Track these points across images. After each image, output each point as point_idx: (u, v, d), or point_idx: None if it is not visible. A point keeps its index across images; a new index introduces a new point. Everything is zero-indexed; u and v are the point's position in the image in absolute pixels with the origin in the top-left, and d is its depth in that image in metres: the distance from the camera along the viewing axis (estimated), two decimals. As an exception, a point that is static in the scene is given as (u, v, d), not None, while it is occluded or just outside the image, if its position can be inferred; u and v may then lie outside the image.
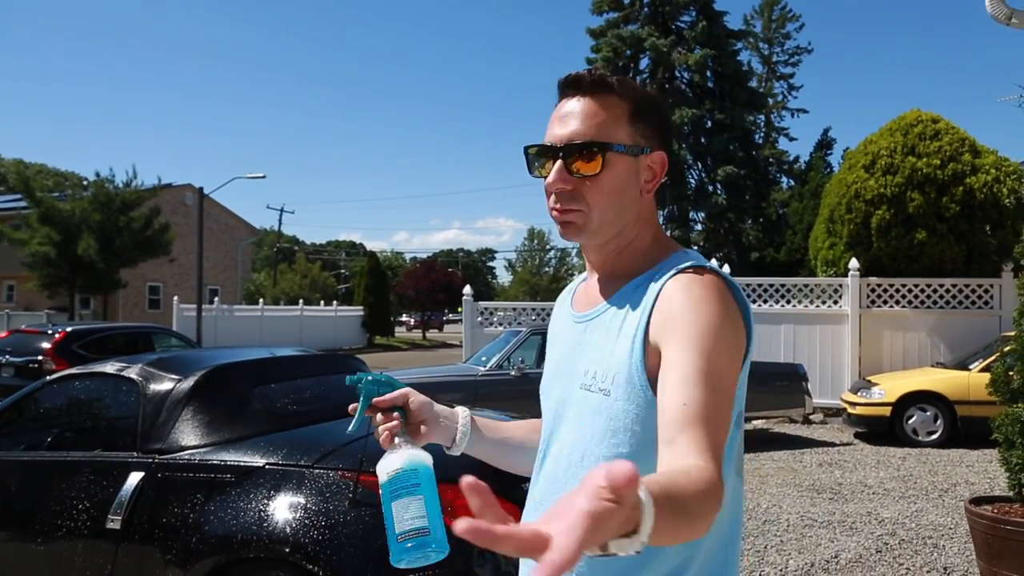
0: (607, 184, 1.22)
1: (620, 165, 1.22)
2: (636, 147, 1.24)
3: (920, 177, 12.07)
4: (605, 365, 1.20)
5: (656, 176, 1.27)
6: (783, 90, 40.97)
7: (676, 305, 1.14)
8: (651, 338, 1.15)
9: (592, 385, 1.21)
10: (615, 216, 1.24)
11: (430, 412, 1.38)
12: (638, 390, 1.15)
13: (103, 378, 3.77)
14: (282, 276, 55.55)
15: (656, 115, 1.27)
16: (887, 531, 5.74)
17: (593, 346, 1.24)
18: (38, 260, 26.12)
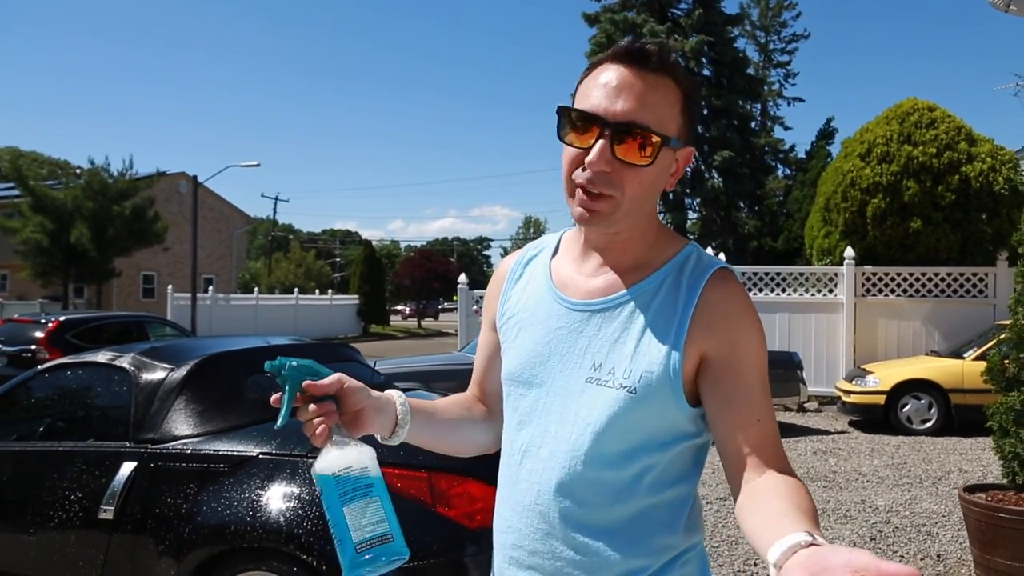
0: (649, 177, 1.16)
1: (665, 159, 1.17)
2: (680, 140, 1.18)
3: (916, 166, 12.07)
4: (629, 362, 1.15)
5: (680, 169, 1.22)
6: (779, 78, 40.89)
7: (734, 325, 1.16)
8: (693, 342, 1.15)
9: (608, 381, 1.16)
10: (641, 207, 1.18)
11: (367, 399, 1.20)
12: (669, 393, 1.14)
13: (95, 367, 3.75)
14: (277, 265, 55.43)
15: (699, 108, 1.22)
16: (881, 519, 5.75)
17: (605, 338, 1.19)
18: (31, 249, 26.00)
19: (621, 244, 1.23)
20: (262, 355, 4.00)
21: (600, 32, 29.31)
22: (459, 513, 2.81)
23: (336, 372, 1.19)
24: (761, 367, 1.17)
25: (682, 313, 1.15)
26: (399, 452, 2.96)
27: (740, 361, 1.14)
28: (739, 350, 1.15)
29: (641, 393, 1.14)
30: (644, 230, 1.23)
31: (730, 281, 1.18)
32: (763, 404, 1.14)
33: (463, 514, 2.81)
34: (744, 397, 1.13)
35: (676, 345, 1.14)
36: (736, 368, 1.14)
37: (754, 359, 1.16)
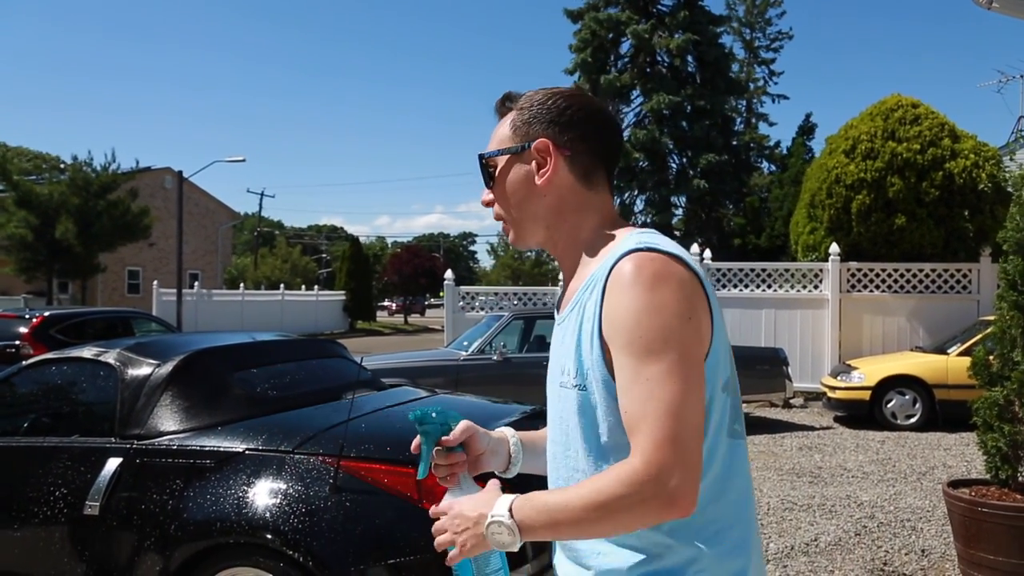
0: (500, 185, 1.33)
1: (506, 166, 1.32)
2: (513, 146, 1.31)
3: (900, 162, 12.14)
4: (576, 362, 1.22)
5: (548, 163, 1.28)
6: (764, 75, 41.04)
7: (611, 308, 1.16)
8: (603, 336, 1.18)
9: (567, 382, 1.24)
10: (527, 212, 1.31)
11: (487, 444, 1.41)
12: (608, 383, 1.18)
13: (80, 363, 3.72)
14: (263, 260, 55.16)
15: (540, 109, 1.31)
16: (866, 514, 5.79)
17: (564, 345, 1.27)
18: (15, 244, 25.76)
19: (562, 253, 1.34)
20: (248, 351, 3.99)
21: (584, 29, 29.28)
22: (447, 509, 2.81)
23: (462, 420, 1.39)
24: (635, 347, 1.12)
25: (596, 305, 1.19)
26: (386, 448, 2.96)
27: (613, 335, 1.16)
28: (611, 325, 1.16)
29: (589, 388, 1.20)
30: (572, 231, 1.31)
31: (630, 261, 1.16)
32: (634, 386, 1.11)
33: (451, 510, 2.81)
34: (620, 379, 1.14)
35: (596, 336, 1.18)
36: (615, 348, 1.15)
37: (621, 331, 1.14)
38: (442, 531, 1.23)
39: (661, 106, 27.80)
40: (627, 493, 1.07)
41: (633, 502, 1.07)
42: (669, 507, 1.07)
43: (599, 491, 1.09)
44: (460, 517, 1.20)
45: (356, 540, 2.73)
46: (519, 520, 1.14)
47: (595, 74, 28.97)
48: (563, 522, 1.12)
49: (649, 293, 1.13)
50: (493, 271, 73.81)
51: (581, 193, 1.31)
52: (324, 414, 3.38)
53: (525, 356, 9.46)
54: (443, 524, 1.22)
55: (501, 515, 1.15)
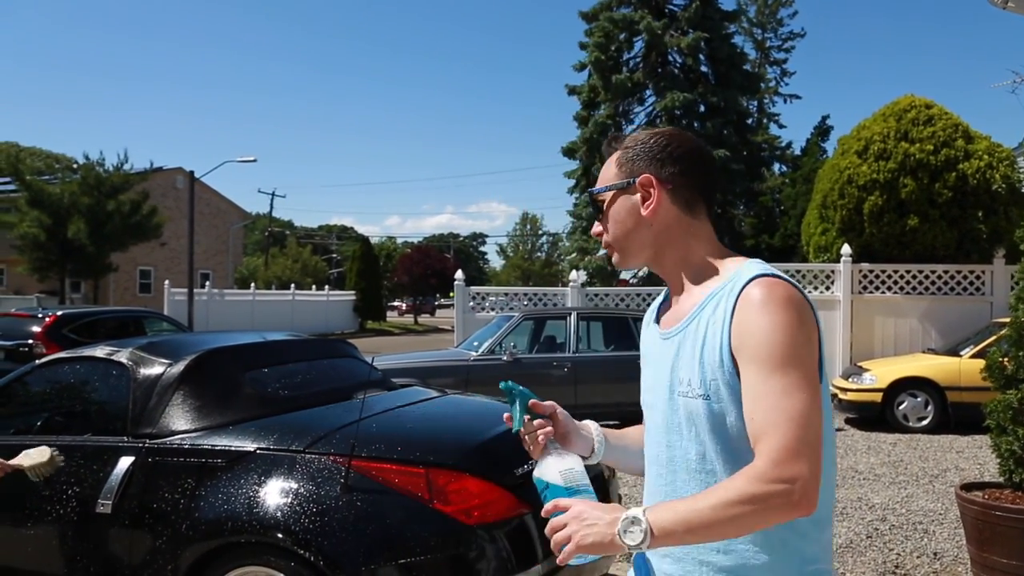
0: (609, 215, 1.49)
1: (614, 200, 1.48)
2: (620, 182, 1.47)
3: (913, 163, 12.07)
4: (699, 374, 1.35)
5: (652, 196, 1.43)
6: (776, 75, 40.91)
7: (742, 326, 1.30)
8: (733, 350, 1.31)
9: (689, 392, 1.36)
10: (630, 240, 1.47)
11: (572, 424, 1.55)
12: (734, 394, 1.31)
13: (93, 362, 3.74)
14: (273, 260, 55.34)
15: (637, 150, 1.46)
16: (877, 516, 5.76)
17: (685, 357, 1.39)
18: (28, 243, 25.94)
19: (672, 274, 1.48)
20: (259, 351, 4.00)
21: (597, 29, 29.24)
22: (456, 509, 2.81)
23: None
24: (764, 358, 1.25)
25: (725, 322, 1.33)
26: (397, 448, 2.97)
27: (746, 353, 1.29)
28: (745, 344, 1.29)
29: (713, 399, 1.33)
30: (682, 258, 1.46)
31: (762, 285, 1.31)
32: (763, 399, 1.24)
33: (460, 510, 2.81)
34: (747, 389, 1.27)
35: (725, 351, 1.32)
36: (743, 361, 1.29)
37: (755, 350, 1.27)
38: (561, 527, 1.28)
39: (675, 104, 27.74)
40: (758, 493, 1.18)
41: (764, 505, 1.18)
42: (795, 509, 1.19)
43: (731, 495, 1.19)
44: (589, 515, 1.27)
45: (367, 540, 2.73)
46: (653, 522, 1.22)
47: (608, 73, 28.93)
48: (696, 526, 1.21)
49: (779, 314, 1.27)
50: (503, 271, 73.89)
51: (685, 221, 1.45)
52: (335, 414, 3.38)
53: (535, 356, 9.46)
54: (564, 519, 1.29)
55: (639, 516, 1.23)
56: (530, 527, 2.90)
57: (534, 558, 2.86)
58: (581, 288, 13.52)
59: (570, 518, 1.29)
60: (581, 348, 9.44)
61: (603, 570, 3.50)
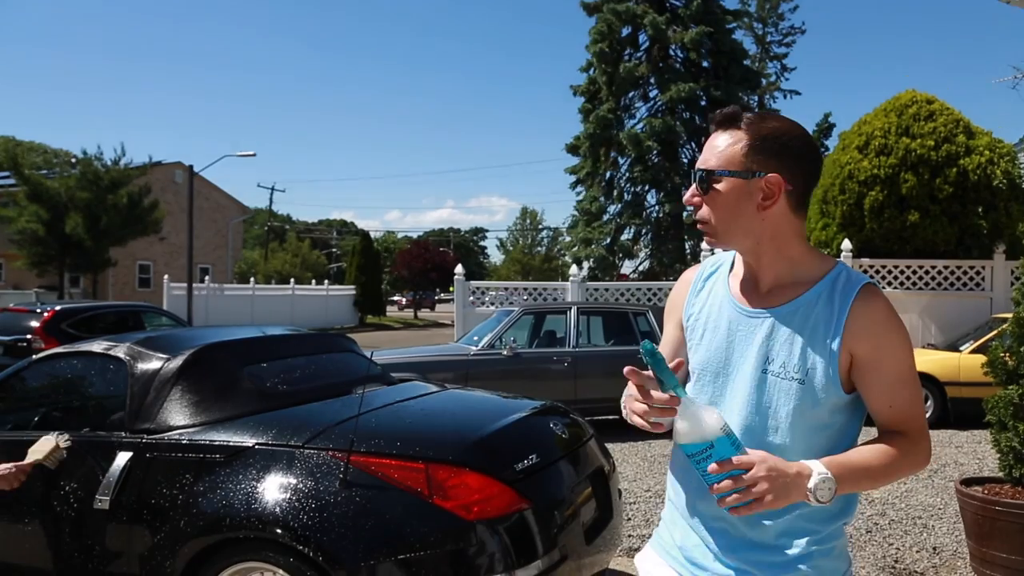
0: (720, 198, 1.49)
1: (730, 185, 1.48)
2: (746, 172, 1.47)
3: (914, 158, 12.06)
4: (798, 360, 1.47)
5: (773, 195, 1.47)
6: (776, 71, 40.80)
7: (877, 330, 1.46)
8: (850, 346, 1.46)
9: (783, 374, 1.48)
10: (735, 227, 1.50)
11: None
12: (831, 385, 1.46)
13: (91, 357, 3.72)
14: (273, 255, 55.33)
15: (776, 145, 1.48)
16: (877, 511, 5.76)
17: (779, 341, 1.50)
18: (26, 238, 25.90)
19: (767, 264, 1.53)
20: (258, 345, 3.99)
21: (601, 22, 29.18)
22: (456, 504, 2.79)
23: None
24: (900, 364, 1.47)
25: (837, 320, 1.46)
26: (396, 443, 2.96)
27: (882, 361, 1.46)
28: (882, 353, 1.46)
29: (808, 384, 1.46)
30: (778, 252, 1.52)
31: (875, 294, 1.48)
32: (901, 392, 1.48)
33: (460, 505, 2.80)
34: (883, 388, 1.47)
35: (834, 346, 1.45)
36: (878, 367, 1.47)
37: (892, 359, 1.47)
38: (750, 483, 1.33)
39: (677, 97, 27.70)
40: (911, 460, 1.49)
41: (912, 465, 1.51)
42: (927, 462, 1.53)
43: (893, 456, 1.46)
44: (776, 470, 1.34)
45: (366, 535, 2.72)
46: (836, 475, 1.38)
47: (611, 66, 28.88)
48: (865, 481, 1.44)
49: (901, 324, 1.50)
50: (503, 266, 73.81)
51: (793, 220, 1.52)
52: (334, 409, 3.37)
53: (535, 351, 9.45)
54: (754, 476, 1.33)
55: (826, 473, 1.37)
56: (530, 522, 2.89)
57: (534, 553, 2.85)
58: (581, 283, 13.51)
59: (758, 476, 1.33)
60: (581, 343, 9.43)
61: (604, 565, 3.49)
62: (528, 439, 3.33)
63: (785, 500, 1.34)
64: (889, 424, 1.50)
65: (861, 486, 1.45)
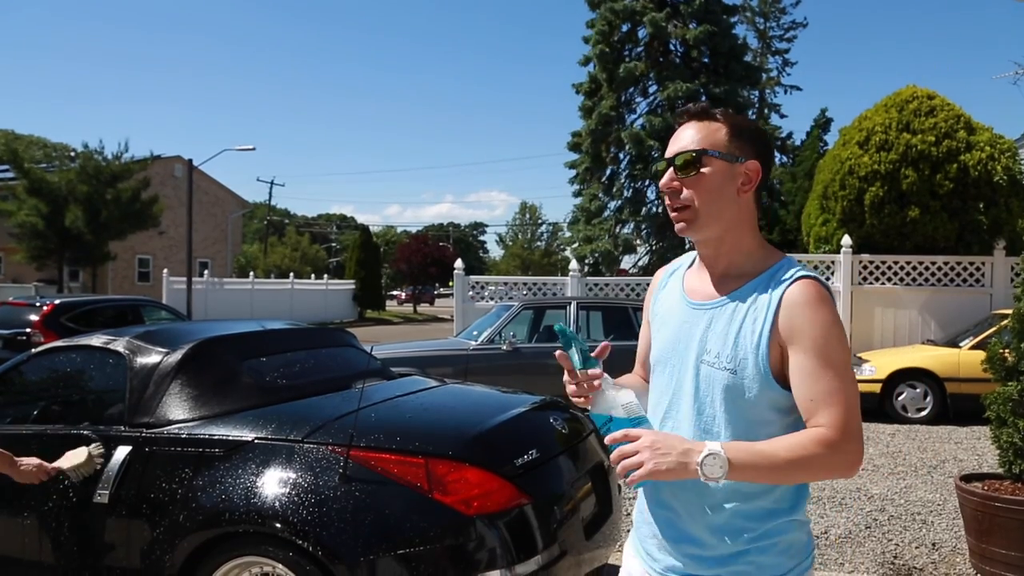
0: (705, 181, 1.53)
1: (716, 167, 1.54)
2: (731, 155, 1.54)
3: (914, 154, 12.04)
4: (731, 350, 1.51)
5: (751, 181, 1.56)
6: (777, 65, 40.73)
7: (795, 319, 1.47)
8: (778, 336, 1.48)
9: (716, 363, 1.52)
10: (716, 210, 1.54)
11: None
12: (761, 375, 1.49)
13: (90, 351, 3.71)
14: (273, 249, 55.28)
15: (751, 136, 1.57)
16: (876, 507, 5.76)
17: (716, 331, 1.54)
18: (26, 232, 25.85)
19: (725, 254, 1.59)
20: (258, 340, 3.98)
21: (600, 19, 29.11)
22: (456, 499, 2.79)
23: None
24: (820, 355, 1.45)
25: (767, 311, 1.50)
26: (396, 438, 2.95)
27: (799, 350, 1.46)
28: (800, 342, 1.46)
29: (739, 374, 1.50)
30: (738, 240, 1.58)
31: (807, 287, 1.49)
32: (820, 382, 1.44)
33: (460, 500, 2.79)
34: (801, 374, 1.46)
35: (763, 337, 1.49)
36: (794, 356, 1.47)
37: (812, 349, 1.45)
38: (633, 453, 1.41)
39: (677, 94, 27.65)
40: (824, 455, 1.42)
41: (828, 462, 1.43)
42: (850, 468, 1.45)
43: (801, 448, 1.42)
44: (665, 444, 1.42)
45: (365, 530, 2.72)
46: (731, 458, 1.40)
47: (611, 64, 28.82)
48: (764, 467, 1.42)
49: (830, 311, 1.48)
50: (502, 261, 73.80)
51: (754, 211, 1.60)
52: (334, 403, 3.36)
53: (534, 346, 9.45)
54: (637, 447, 1.41)
55: (718, 451, 1.40)
56: (530, 517, 2.89)
57: (534, 548, 2.84)
58: (581, 277, 13.49)
59: (643, 446, 1.41)
60: (581, 337, 9.42)
61: (603, 560, 3.49)
62: (528, 434, 3.33)
63: (669, 473, 1.40)
64: (810, 419, 1.46)
65: (763, 476, 1.44)
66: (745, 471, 1.41)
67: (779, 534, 1.53)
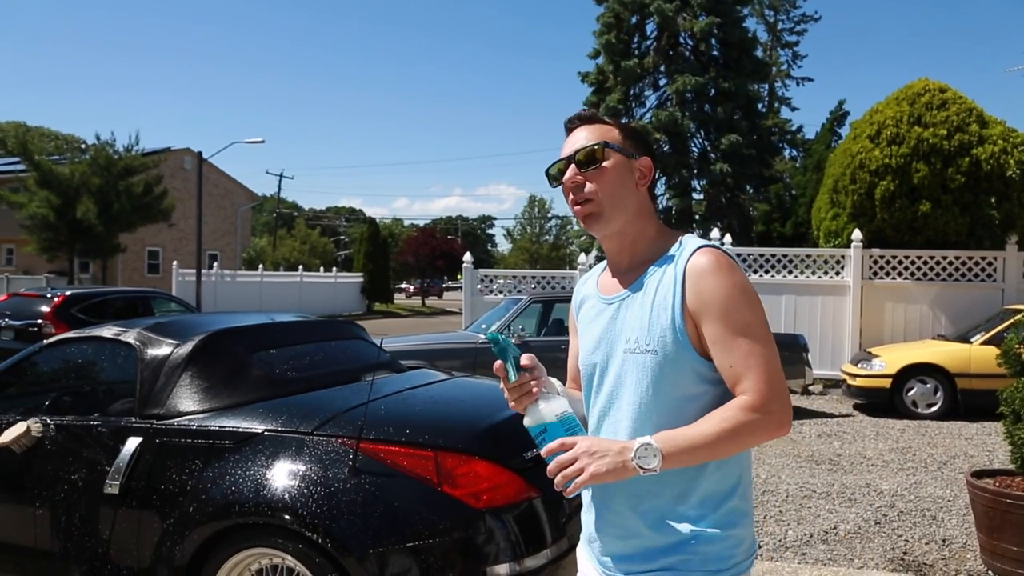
0: (608, 173, 1.60)
1: (617, 160, 1.61)
2: (627, 150, 1.62)
3: (926, 148, 11.95)
4: (647, 332, 1.53)
5: (646, 175, 1.64)
6: (788, 58, 40.54)
7: (700, 290, 1.50)
8: (688, 309, 1.51)
9: (637, 348, 1.55)
10: (619, 201, 1.60)
11: (543, 375, 1.62)
12: (681, 349, 1.51)
13: (100, 342, 3.72)
14: (281, 242, 55.40)
15: (639, 136, 1.67)
16: (886, 503, 5.74)
17: (631, 319, 1.58)
18: (37, 223, 25.98)
19: (628, 245, 1.64)
20: (267, 332, 3.98)
21: (608, 11, 29.00)
22: (465, 492, 2.79)
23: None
24: (730, 316, 1.48)
25: (675, 285, 1.53)
26: (405, 431, 2.95)
27: (709, 311, 1.49)
28: (708, 307, 1.49)
29: (660, 353, 1.52)
30: (641, 230, 1.63)
31: (708, 254, 1.53)
32: (737, 348, 1.47)
33: (469, 493, 2.79)
34: (717, 341, 1.49)
35: (676, 311, 1.51)
36: (706, 317, 1.50)
37: (722, 312, 1.48)
38: (570, 462, 1.42)
39: (686, 88, 27.53)
40: (751, 420, 1.44)
41: (756, 426, 1.45)
42: (780, 428, 1.47)
43: (728, 420, 1.44)
44: (598, 447, 1.43)
45: (375, 522, 2.72)
46: (663, 446, 1.42)
47: (619, 57, 28.71)
48: (700, 446, 1.43)
49: (733, 276, 1.50)
50: (511, 254, 73.79)
51: (651, 205, 1.67)
52: (343, 396, 3.36)
53: (543, 339, 9.44)
54: (574, 454, 1.42)
55: (650, 442, 1.42)
56: (539, 511, 2.89)
57: (543, 542, 2.84)
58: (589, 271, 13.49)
59: (579, 452, 1.42)
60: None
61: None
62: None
63: (611, 475, 1.41)
64: (734, 386, 1.48)
65: (699, 455, 1.44)
66: (681, 455, 1.43)
67: (730, 525, 1.54)
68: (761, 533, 5.05)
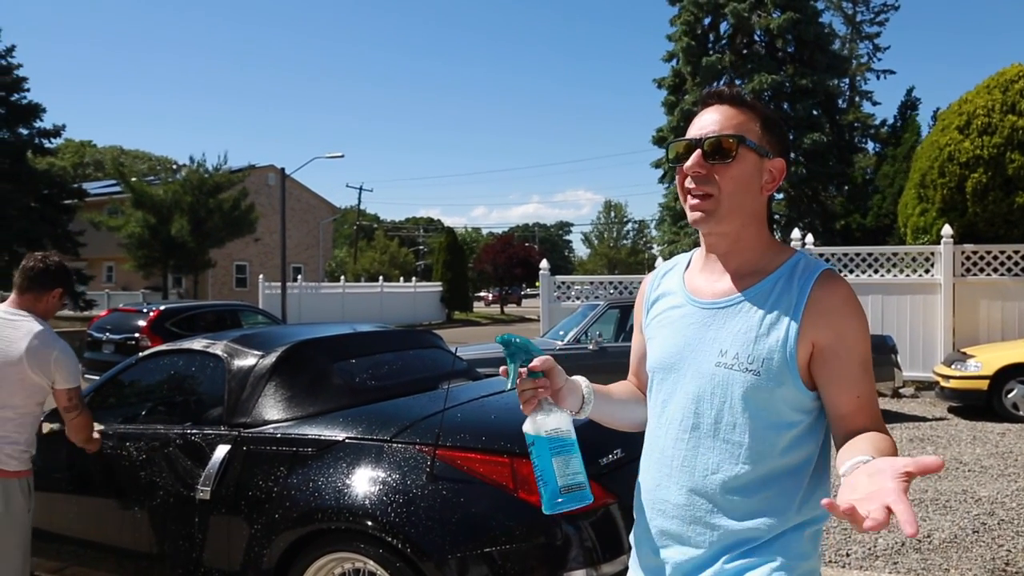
0: (736, 171, 1.44)
1: (749, 159, 1.45)
2: (763, 148, 1.46)
3: (1021, 136, 11.41)
4: (751, 350, 1.42)
5: (775, 180, 1.49)
6: (868, 51, 39.22)
7: (837, 320, 1.40)
8: (811, 337, 1.40)
9: (736, 365, 1.42)
10: (740, 203, 1.45)
11: (564, 381, 1.54)
12: (788, 377, 1.40)
13: (191, 354, 3.89)
14: (362, 253, 56.55)
15: (780, 131, 1.51)
16: (985, 511, 5.49)
17: (730, 331, 1.45)
18: (134, 242, 27.29)
19: (736, 249, 1.49)
20: (348, 342, 4.09)
21: (683, 12, 28.68)
22: (541, 498, 2.80)
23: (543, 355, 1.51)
24: (863, 352, 1.42)
25: (795, 309, 1.41)
26: (481, 438, 2.99)
27: (844, 348, 1.40)
28: (844, 340, 1.40)
29: (764, 375, 1.40)
30: (755, 237, 1.49)
31: (834, 280, 1.43)
32: (863, 382, 1.40)
33: (546, 499, 2.80)
34: (846, 376, 1.40)
35: (791, 335, 1.40)
36: (840, 354, 1.40)
37: (855, 346, 1.41)
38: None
39: (763, 87, 26.98)
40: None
41: None
42: None
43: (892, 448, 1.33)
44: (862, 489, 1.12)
45: (453, 528, 2.76)
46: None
47: (696, 58, 28.37)
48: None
49: (861, 311, 1.43)
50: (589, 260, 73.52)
51: (768, 211, 1.55)
52: (420, 404, 3.43)
53: (621, 345, 9.38)
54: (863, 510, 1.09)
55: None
56: (616, 517, 2.88)
57: (620, 548, 2.83)
58: (667, 275, 13.33)
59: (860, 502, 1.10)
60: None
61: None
62: (612, 434, 3.29)
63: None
64: (855, 417, 1.38)
65: None
66: None
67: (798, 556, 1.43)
68: (850, 541, 4.89)
